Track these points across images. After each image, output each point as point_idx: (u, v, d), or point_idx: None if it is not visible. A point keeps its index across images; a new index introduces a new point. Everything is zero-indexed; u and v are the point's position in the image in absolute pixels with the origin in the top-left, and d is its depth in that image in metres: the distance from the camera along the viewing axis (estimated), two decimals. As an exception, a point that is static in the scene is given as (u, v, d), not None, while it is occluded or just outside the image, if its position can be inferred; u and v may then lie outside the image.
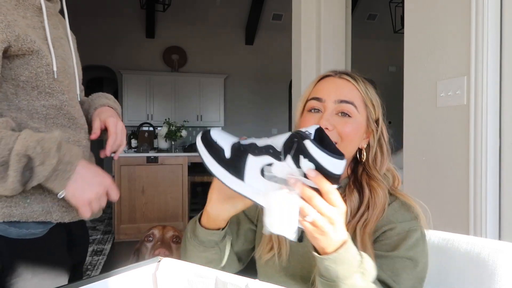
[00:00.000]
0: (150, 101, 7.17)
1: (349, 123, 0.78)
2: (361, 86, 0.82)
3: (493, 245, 0.69)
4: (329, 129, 0.77)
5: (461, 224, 1.28)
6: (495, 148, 1.20)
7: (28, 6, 0.83)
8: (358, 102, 0.80)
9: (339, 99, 0.79)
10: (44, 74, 0.81)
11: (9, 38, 0.75)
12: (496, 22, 1.19)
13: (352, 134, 0.78)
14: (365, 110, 0.81)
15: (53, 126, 0.85)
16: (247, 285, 0.46)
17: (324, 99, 0.80)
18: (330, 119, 0.78)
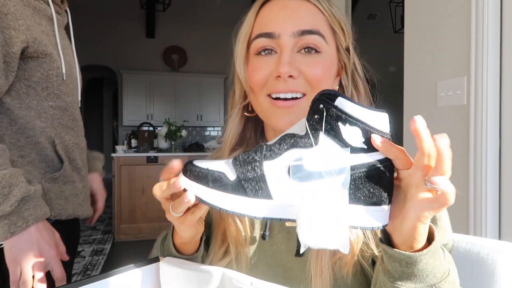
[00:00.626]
0: (150, 101, 7.17)
1: (319, 62, 0.57)
2: (324, 3, 0.59)
3: (492, 244, 0.69)
4: (294, 76, 0.55)
5: (461, 224, 1.28)
6: (495, 148, 1.20)
7: (42, 16, 0.90)
8: (324, 29, 0.58)
9: (300, 30, 0.56)
10: (54, 76, 0.88)
11: (28, 40, 0.81)
12: (496, 22, 1.19)
13: (324, 75, 0.57)
14: (334, 38, 0.59)
15: (58, 126, 0.90)
16: (252, 284, 0.46)
17: (278, 33, 0.56)
18: (292, 62, 0.55)
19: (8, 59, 0.78)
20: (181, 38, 7.27)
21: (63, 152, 0.90)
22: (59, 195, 0.88)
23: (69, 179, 0.91)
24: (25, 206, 0.75)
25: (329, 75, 0.58)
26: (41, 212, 0.77)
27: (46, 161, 0.88)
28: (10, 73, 0.79)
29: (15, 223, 0.73)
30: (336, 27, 0.59)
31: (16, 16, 0.79)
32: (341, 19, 0.60)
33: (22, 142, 0.84)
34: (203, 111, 7.39)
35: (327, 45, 0.58)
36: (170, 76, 7.21)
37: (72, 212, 0.91)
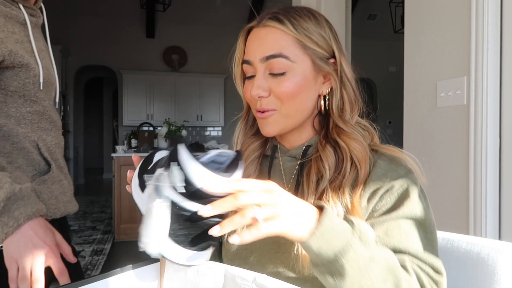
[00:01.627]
0: (150, 101, 7.18)
1: (285, 80, 0.65)
2: (290, 25, 0.66)
3: (492, 244, 0.69)
4: (264, 96, 0.66)
5: (461, 224, 1.28)
6: (495, 148, 1.20)
7: (14, 23, 0.89)
8: (290, 50, 0.65)
9: (265, 56, 0.65)
10: (31, 84, 0.89)
11: (4, 53, 0.81)
12: (496, 22, 1.19)
13: (293, 91, 0.65)
14: (306, 53, 0.66)
15: (38, 130, 0.91)
16: (255, 279, 0.46)
17: (252, 61, 0.67)
18: (262, 85, 0.66)
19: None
20: (181, 38, 7.27)
21: (48, 154, 0.92)
22: (50, 195, 0.90)
23: (57, 179, 0.93)
24: (14, 206, 0.75)
25: (300, 88, 0.66)
26: (32, 209, 0.77)
27: (33, 165, 0.89)
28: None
29: (6, 224, 0.73)
30: (307, 43, 0.66)
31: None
32: (315, 32, 0.67)
33: (8, 149, 0.85)
34: (203, 111, 7.39)
35: (294, 63, 0.66)
36: (170, 76, 7.21)
37: (64, 209, 0.93)
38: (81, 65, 7.13)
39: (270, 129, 0.69)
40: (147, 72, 7.12)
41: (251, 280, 0.46)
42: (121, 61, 7.09)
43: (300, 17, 0.67)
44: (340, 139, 0.66)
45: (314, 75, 0.68)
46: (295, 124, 0.70)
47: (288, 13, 0.67)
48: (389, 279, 0.53)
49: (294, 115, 0.68)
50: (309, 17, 0.67)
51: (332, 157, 0.66)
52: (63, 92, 6.51)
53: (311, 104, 0.70)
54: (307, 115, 0.70)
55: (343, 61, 0.69)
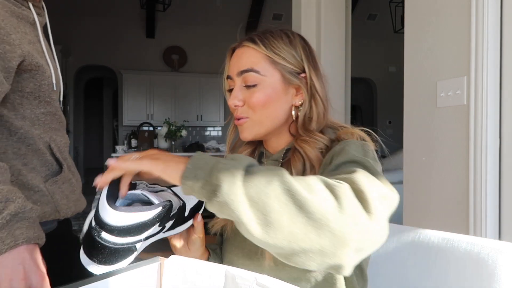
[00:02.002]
0: (150, 101, 7.17)
1: (256, 92, 0.75)
2: (261, 44, 0.76)
3: (492, 244, 0.69)
4: (239, 105, 0.76)
5: (461, 224, 1.28)
6: (495, 148, 1.20)
7: (25, 23, 0.89)
8: (261, 65, 0.75)
9: (239, 71, 0.76)
10: (46, 85, 0.90)
11: (24, 53, 0.82)
12: (496, 22, 1.19)
13: (263, 101, 0.75)
14: (276, 68, 0.76)
15: (50, 130, 0.92)
16: (256, 279, 0.46)
17: (231, 76, 0.78)
18: (238, 95, 0.76)
19: (6, 74, 0.78)
20: (181, 38, 7.27)
21: (59, 154, 0.92)
22: (61, 195, 0.90)
23: (66, 178, 0.93)
24: (17, 224, 0.71)
25: (269, 99, 0.75)
26: (34, 234, 0.73)
27: (47, 165, 0.90)
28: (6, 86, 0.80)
29: (3, 240, 0.69)
30: (276, 59, 0.75)
31: (7, 31, 0.79)
32: (284, 50, 0.76)
33: (23, 151, 0.86)
34: (203, 111, 7.39)
35: (265, 77, 0.75)
36: (170, 76, 7.21)
37: (75, 208, 0.94)
38: (81, 65, 7.13)
39: (245, 134, 0.79)
40: (147, 72, 7.12)
41: (252, 280, 0.46)
42: (121, 61, 7.09)
43: (273, 38, 0.77)
44: (299, 145, 0.74)
45: (284, 87, 0.77)
46: (267, 130, 0.78)
47: (263, 35, 0.77)
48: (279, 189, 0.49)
49: (265, 122, 0.77)
50: (282, 38, 0.77)
51: (300, 165, 0.73)
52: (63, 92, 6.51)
53: (283, 113, 0.78)
54: (280, 122, 0.78)
55: (313, 76, 0.78)
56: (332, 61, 2.59)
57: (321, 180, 0.52)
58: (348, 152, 0.65)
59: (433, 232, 0.81)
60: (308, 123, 0.77)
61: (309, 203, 0.47)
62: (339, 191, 0.50)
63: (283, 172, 0.51)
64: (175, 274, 0.55)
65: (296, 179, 0.51)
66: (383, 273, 0.87)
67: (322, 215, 0.47)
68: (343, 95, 2.66)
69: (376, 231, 0.50)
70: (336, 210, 0.48)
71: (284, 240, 0.47)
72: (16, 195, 0.73)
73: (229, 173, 0.50)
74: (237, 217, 0.48)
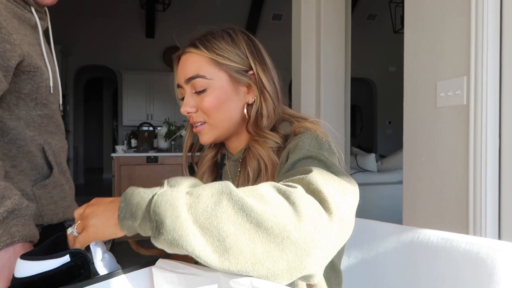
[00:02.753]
0: (150, 101, 7.17)
1: (205, 96, 0.75)
2: (203, 48, 0.75)
3: (491, 244, 0.69)
4: (192, 112, 0.76)
5: (460, 224, 1.28)
6: (495, 148, 1.20)
7: (26, 26, 0.90)
8: (205, 69, 0.74)
9: (186, 78, 0.75)
10: (44, 88, 0.89)
11: (24, 54, 0.82)
12: (496, 22, 1.19)
13: (215, 105, 0.75)
14: (222, 69, 0.75)
15: (45, 133, 0.91)
16: (251, 283, 0.44)
17: (181, 84, 0.78)
18: (189, 102, 0.76)
19: (4, 73, 0.78)
20: (181, 38, 7.26)
21: (52, 157, 0.91)
22: (49, 200, 0.89)
23: (58, 183, 0.92)
24: (13, 221, 0.72)
25: (220, 101, 0.75)
26: (29, 232, 0.74)
27: (37, 169, 0.88)
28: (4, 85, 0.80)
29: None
30: (220, 60, 0.74)
31: (9, 30, 0.79)
32: (227, 50, 0.74)
33: (13, 152, 0.85)
34: (203, 111, 7.38)
35: (211, 80, 0.74)
36: (170, 76, 7.20)
37: (63, 215, 0.92)
38: (81, 65, 7.13)
39: (204, 139, 0.79)
40: (147, 72, 7.12)
41: (247, 285, 0.44)
42: (121, 61, 7.09)
43: (214, 39, 0.75)
44: (252, 145, 0.74)
45: (234, 87, 0.76)
46: (225, 132, 0.78)
47: (205, 38, 0.76)
48: (223, 199, 0.46)
49: (222, 125, 0.77)
50: (223, 38, 0.76)
51: (255, 161, 0.73)
52: (63, 92, 6.49)
53: (237, 112, 0.77)
54: (237, 122, 0.78)
55: (260, 72, 0.76)
56: (332, 61, 2.59)
57: (274, 187, 0.49)
58: (302, 148, 0.65)
59: (432, 231, 0.81)
60: (259, 120, 0.76)
61: (265, 217, 0.44)
62: (294, 197, 0.47)
63: (230, 187, 0.47)
64: (166, 280, 0.53)
65: (245, 191, 0.48)
66: (382, 273, 0.87)
67: (281, 228, 0.44)
68: (343, 95, 2.66)
69: (340, 230, 0.49)
70: (294, 218, 0.45)
71: (247, 264, 0.44)
72: (13, 192, 0.73)
73: (169, 205, 0.44)
74: (192, 252, 0.43)
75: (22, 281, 0.50)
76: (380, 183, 3.35)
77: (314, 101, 2.61)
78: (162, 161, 4.15)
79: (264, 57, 0.79)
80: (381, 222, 0.91)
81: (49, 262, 0.51)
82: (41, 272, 0.50)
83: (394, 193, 3.20)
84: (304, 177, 0.52)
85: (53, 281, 0.50)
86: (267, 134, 0.75)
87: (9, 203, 0.71)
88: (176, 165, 4.19)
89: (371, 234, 0.90)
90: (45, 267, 0.50)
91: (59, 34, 6.03)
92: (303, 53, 2.60)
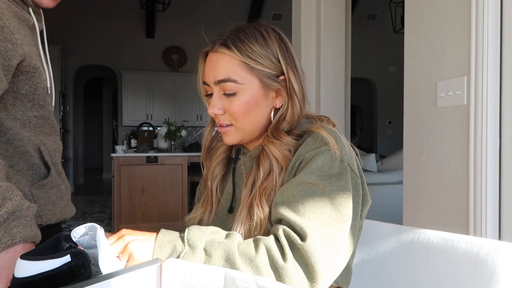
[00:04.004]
0: (150, 101, 7.17)
1: (235, 100, 0.74)
2: (236, 50, 0.73)
3: (492, 244, 0.69)
4: (219, 114, 0.76)
5: (461, 224, 1.28)
6: (495, 148, 1.20)
7: (25, 26, 0.90)
8: (237, 73, 0.73)
9: (216, 80, 0.74)
10: (41, 89, 0.89)
11: (25, 54, 0.82)
12: (496, 22, 1.19)
13: (244, 110, 0.74)
14: (254, 74, 0.73)
15: (40, 134, 0.91)
16: (256, 282, 0.46)
17: (208, 83, 0.76)
18: (217, 104, 0.75)
19: (5, 72, 0.78)
20: (181, 38, 7.26)
21: (49, 158, 0.91)
22: (47, 200, 0.89)
23: (55, 183, 0.92)
24: (14, 222, 0.71)
25: (249, 106, 0.75)
26: (31, 232, 0.73)
27: (34, 169, 0.88)
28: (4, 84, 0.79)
29: (0, 239, 0.69)
30: (253, 65, 0.73)
31: (11, 30, 0.79)
32: (261, 54, 0.73)
33: (10, 152, 0.85)
34: (203, 111, 7.38)
35: (243, 85, 0.73)
36: (169, 76, 7.20)
37: (60, 215, 0.92)
38: (81, 65, 7.12)
39: (229, 140, 0.79)
40: (147, 72, 7.12)
41: (252, 282, 0.46)
42: (121, 61, 7.08)
43: (248, 40, 0.73)
44: (266, 146, 0.75)
45: (264, 92, 0.75)
46: (251, 135, 0.79)
47: (237, 37, 0.74)
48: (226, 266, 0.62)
49: (248, 129, 0.77)
50: (257, 39, 0.74)
51: (268, 162, 0.74)
52: (62, 92, 6.51)
53: (265, 116, 0.77)
54: (263, 126, 0.78)
55: (292, 78, 0.75)
56: (332, 61, 2.59)
57: (269, 259, 0.61)
58: (313, 170, 0.68)
59: (432, 232, 0.81)
60: (280, 123, 0.76)
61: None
62: (284, 275, 0.60)
63: (235, 258, 0.61)
64: (175, 276, 0.54)
65: (245, 261, 0.61)
66: (383, 273, 0.87)
67: None
68: (343, 95, 2.66)
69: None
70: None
71: None
72: (14, 193, 0.73)
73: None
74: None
75: (23, 281, 0.50)
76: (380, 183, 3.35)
77: (314, 101, 2.61)
78: (162, 161, 4.15)
79: (295, 60, 0.78)
80: (381, 222, 0.91)
81: (50, 262, 0.51)
82: (42, 272, 0.50)
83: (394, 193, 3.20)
84: (304, 247, 0.61)
85: (53, 281, 0.50)
86: (283, 137, 0.75)
87: (10, 204, 0.71)
88: (175, 165, 4.19)
89: (371, 234, 0.90)
90: (45, 267, 0.50)
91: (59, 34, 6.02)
92: (303, 53, 2.60)
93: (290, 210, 0.65)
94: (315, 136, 0.72)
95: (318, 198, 0.65)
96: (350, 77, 2.74)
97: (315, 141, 0.71)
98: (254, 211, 0.71)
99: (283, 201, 0.67)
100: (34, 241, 0.76)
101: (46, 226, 0.88)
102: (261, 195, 0.72)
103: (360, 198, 0.72)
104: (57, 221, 0.91)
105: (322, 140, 0.71)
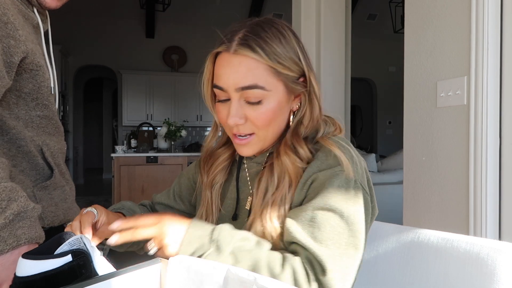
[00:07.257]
0: (150, 101, 7.17)
1: (261, 108, 0.67)
2: (262, 53, 0.65)
3: (492, 244, 0.69)
4: (240, 123, 0.68)
5: (461, 224, 1.28)
6: (495, 148, 1.20)
7: (29, 25, 0.89)
8: (264, 78, 0.66)
9: (240, 87, 0.65)
10: (45, 88, 0.88)
11: (28, 50, 0.81)
12: (496, 22, 1.19)
13: (270, 118, 0.68)
14: (279, 79, 0.67)
15: (43, 134, 0.90)
16: (255, 280, 0.46)
17: (226, 88, 0.67)
18: (238, 112, 0.67)
19: (7, 69, 0.77)
20: (181, 38, 7.27)
21: (51, 159, 0.90)
22: (50, 202, 0.88)
23: (58, 185, 0.91)
24: (19, 224, 0.71)
25: (278, 112, 0.69)
26: (35, 234, 0.73)
27: (37, 169, 0.88)
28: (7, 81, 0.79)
29: (5, 240, 0.69)
30: (279, 69, 0.66)
31: (15, 26, 0.79)
32: (286, 55, 0.67)
33: (13, 152, 0.84)
34: (203, 111, 7.38)
35: (269, 92, 0.67)
36: (169, 76, 7.21)
37: (63, 217, 0.91)
38: (81, 65, 7.12)
39: (249, 151, 0.73)
40: (147, 72, 7.12)
41: (252, 281, 0.47)
42: (121, 61, 7.09)
43: (270, 40, 0.66)
44: (281, 158, 0.69)
45: (288, 98, 0.70)
46: (270, 144, 0.74)
47: (260, 38, 0.65)
48: None
49: (270, 137, 0.72)
50: (279, 39, 0.67)
51: (280, 172, 0.69)
52: (62, 92, 6.51)
53: (285, 122, 0.73)
54: (282, 132, 0.73)
55: (313, 80, 0.71)
56: (332, 61, 2.59)
57: (293, 282, 0.58)
58: (330, 194, 0.63)
59: (432, 232, 0.81)
60: (298, 128, 0.72)
61: None
62: None
63: (260, 271, 0.59)
64: (177, 273, 0.55)
65: (268, 274, 0.58)
66: (383, 273, 0.87)
67: None
68: (343, 95, 2.66)
69: None
70: None
71: None
72: (19, 194, 0.73)
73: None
74: None
75: (24, 280, 0.50)
76: (380, 183, 3.35)
77: (314, 101, 2.61)
78: (162, 161, 4.15)
79: (310, 58, 0.73)
80: (381, 222, 0.91)
81: (51, 262, 0.51)
82: (43, 271, 0.50)
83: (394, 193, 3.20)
84: (324, 282, 0.59)
85: (55, 281, 0.50)
86: (300, 148, 0.69)
87: (15, 205, 0.71)
88: (175, 165, 4.19)
89: (372, 234, 0.90)
90: (47, 266, 0.50)
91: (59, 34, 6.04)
92: (303, 53, 2.60)
93: (308, 235, 0.61)
94: (327, 152, 0.68)
95: (335, 224, 0.62)
96: (350, 77, 2.74)
97: (327, 158, 0.67)
98: (267, 223, 0.67)
99: (300, 225, 0.63)
100: (38, 242, 0.76)
101: (49, 228, 0.87)
102: (273, 206, 0.67)
103: (369, 216, 0.70)
104: (60, 224, 0.91)
105: (335, 159, 0.66)
